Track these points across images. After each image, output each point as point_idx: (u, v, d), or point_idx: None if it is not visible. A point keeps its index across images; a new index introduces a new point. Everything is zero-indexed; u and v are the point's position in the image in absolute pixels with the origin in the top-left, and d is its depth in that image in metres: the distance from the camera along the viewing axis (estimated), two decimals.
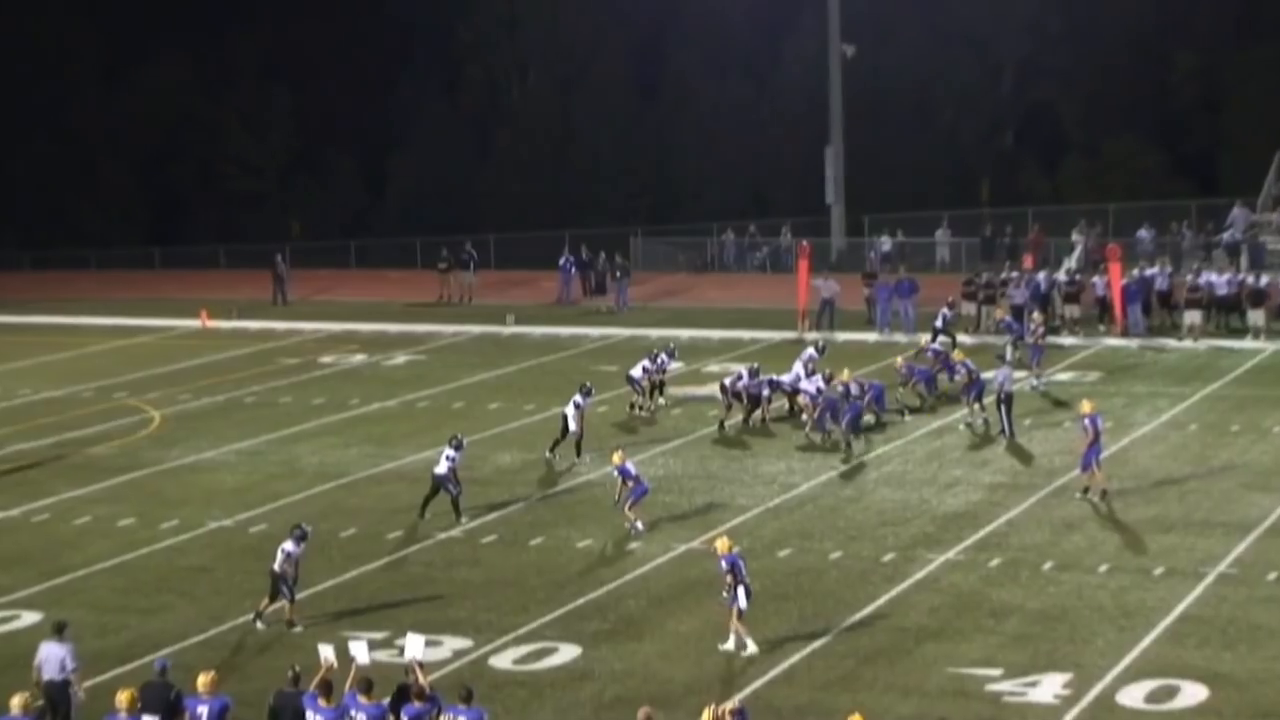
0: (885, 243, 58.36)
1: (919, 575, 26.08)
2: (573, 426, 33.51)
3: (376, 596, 26.02)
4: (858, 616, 24.23)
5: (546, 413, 37.07)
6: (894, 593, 25.14)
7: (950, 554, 26.93)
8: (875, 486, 31.57)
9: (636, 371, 38.04)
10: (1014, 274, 47.68)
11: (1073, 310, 46.31)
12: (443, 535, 29.10)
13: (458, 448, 29.55)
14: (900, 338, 46.33)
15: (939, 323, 42.27)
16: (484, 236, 62.60)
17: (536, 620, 24.64)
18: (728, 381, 36.77)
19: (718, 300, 54.41)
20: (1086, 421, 29.62)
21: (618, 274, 53.56)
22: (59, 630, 20.76)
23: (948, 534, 28.19)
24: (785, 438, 34.99)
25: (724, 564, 22.91)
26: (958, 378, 36.52)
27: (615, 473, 29.18)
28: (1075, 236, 55.17)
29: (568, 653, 23.40)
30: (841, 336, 46.79)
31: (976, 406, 35.30)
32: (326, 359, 46.60)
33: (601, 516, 29.87)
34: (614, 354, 45.33)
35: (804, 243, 51.09)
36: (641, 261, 59.95)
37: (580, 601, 25.35)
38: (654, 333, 48.33)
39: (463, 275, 56.04)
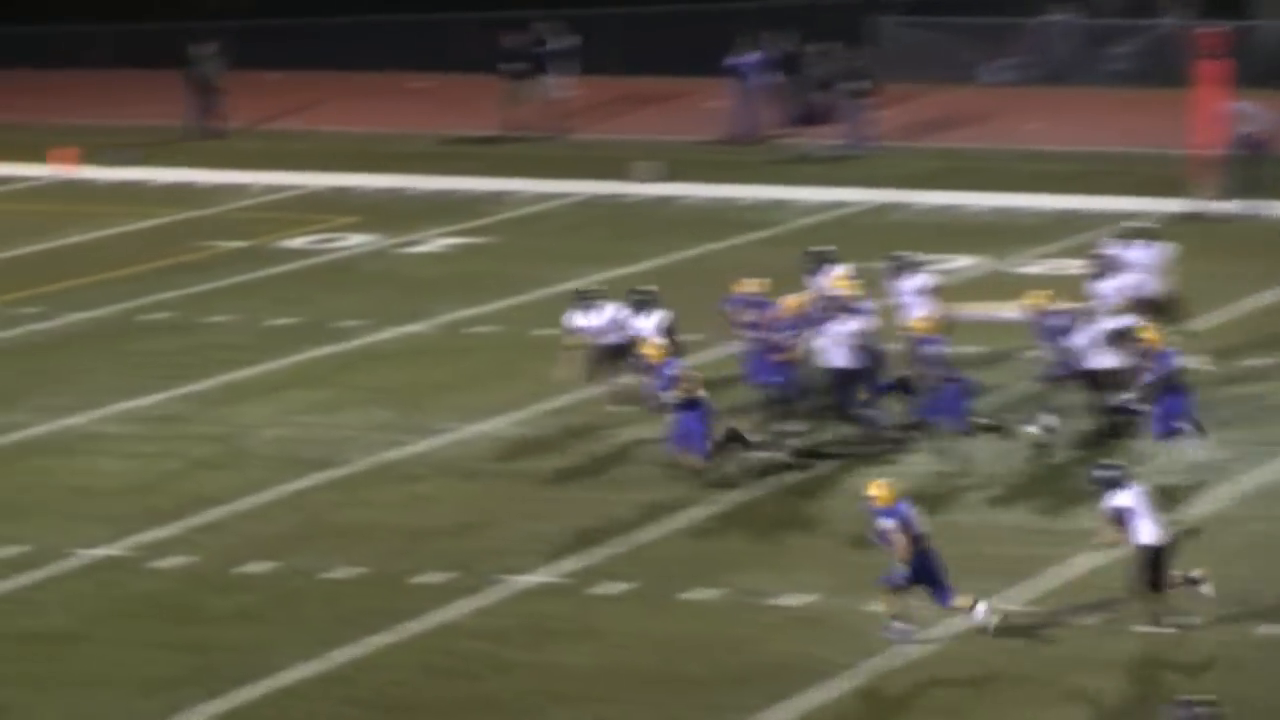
0: None
1: None
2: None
3: (390, 696, 26.01)
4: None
5: (710, 351, 36.74)
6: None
7: None
8: None
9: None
10: None
11: None
12: (522, 577, 29.12)
13: None
14: None
15: None
16: (585, 11, 62.40)
17: None
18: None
19: (1037, 137, 55.33)
20: None
21: (850, 87, 53.77)
22: None
23: None
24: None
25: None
26: None
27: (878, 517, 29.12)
28: None
29: None
30: None
31: None
32: (294, 242, 47.48)
33: (822, 554, 29.95)
34: (843, 238, 44.70)
35: (1210, 33, 50.30)
36: (895, 64, 59.92)
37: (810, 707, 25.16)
38: (916, 198, 49.14)
39: (546, 83, 56.00)
